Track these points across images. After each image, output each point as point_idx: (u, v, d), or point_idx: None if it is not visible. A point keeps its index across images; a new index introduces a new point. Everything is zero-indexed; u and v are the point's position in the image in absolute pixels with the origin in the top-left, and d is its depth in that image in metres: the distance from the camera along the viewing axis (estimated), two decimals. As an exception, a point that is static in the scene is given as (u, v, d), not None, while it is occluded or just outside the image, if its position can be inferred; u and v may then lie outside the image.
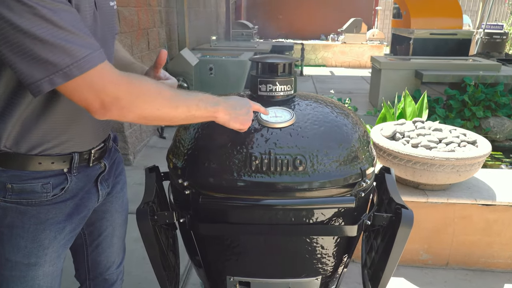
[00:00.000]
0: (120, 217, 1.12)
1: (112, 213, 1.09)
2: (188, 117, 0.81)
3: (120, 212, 1.12)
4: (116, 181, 1.07)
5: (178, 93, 0.80)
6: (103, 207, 1.05)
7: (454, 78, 4.00)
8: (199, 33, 6.02)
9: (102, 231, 1.08)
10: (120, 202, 1.11)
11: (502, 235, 1.81)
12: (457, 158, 1.60)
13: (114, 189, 1.06)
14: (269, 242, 0.99)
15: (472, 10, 11.93)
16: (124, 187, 1.12)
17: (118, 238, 1.15)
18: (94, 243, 1.09)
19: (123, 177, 1.12)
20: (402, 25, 6.40)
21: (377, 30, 9.91)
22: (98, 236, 1.08)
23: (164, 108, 0.77)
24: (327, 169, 0.92)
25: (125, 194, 1.13)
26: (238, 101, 0.88)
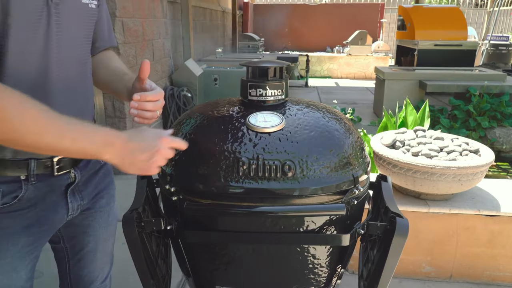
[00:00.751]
0: (104, 232, 1.07)
1: (95, 228, 1.03)
2: (59, 149, 0.69)
3: (105, 227, 1.06)
4: (100, 195, 1.02)
5: (58, 120, 0.67)
6: (85, 222, 1.00)
7: (459, 88, 3.96)
8: (205, 45, 6.07)
9: (84, 246, 1.03)
10: (105, 216, 1.05)
11: (507, 247, 1.75)
12: (458, 167, 1.56)
13: (97, 203, 1.02)
14: (258, 251, 0.96)
15: (477, 22, 11.91)
16: (111, 201, 1.07)
17: (103, 253, 1.09)
18: (76, 257, 1.04)
19: (111, 191, 1.07)
20: (407, 37, 6.39)
21: (382, 42, 9.92)
22: (80, 250, 1.04)
23: (28, 131, 0.64)
24: (317, 175, 0.89)
25: (112, 208, 1.09)
26: (141, 144, 0.75)
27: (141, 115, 0.86)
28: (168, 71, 4.06)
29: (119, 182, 3.21)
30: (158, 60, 3.77)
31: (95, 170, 0.99)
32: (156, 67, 3.72)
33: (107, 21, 1.03)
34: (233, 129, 0.93)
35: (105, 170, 1.04)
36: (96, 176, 0.99)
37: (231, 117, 0.98)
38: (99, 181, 1.00)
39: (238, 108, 1.01)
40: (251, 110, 0.97)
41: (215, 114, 1.00)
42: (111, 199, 1.07)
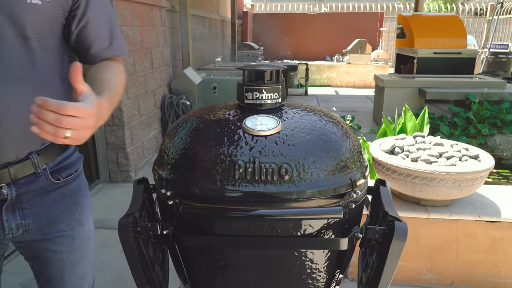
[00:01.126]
0: (70, 256, 0.99)
1: (56, 252, 0.96)
2: None
3: (70, 252, 0.99)
4: (58, 219, 0.94)
5: None
6: (42, 246, 0.94)
7: (459, 96, 3.96)
8: (204, 53, 6.11)
9: (47, 268, 0.98)
10: (68, 241, 0.97)
11: (508, 254, 1.73)
12: (458, 172, 1.55)
13: (55, 227, 0.94)
14: (255, 256, 0.94)
15: (477, 31, 11.99)
16: (75, 224, 0.99)
17: (72, 276, 1.02)
18: (43, 277, 1.00)
19: (76, 214, 0.99)
20: (406, 45, 6.42)
21: (382, 51, 9.97)
22: (45, 271, 0.99)
23: None
24: (314, 178, 0.89)
25: (78, 231, 1.00)
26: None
27: (40, 125, 0.65)
28: (167, 79, 4.07)
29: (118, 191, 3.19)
30: (157, 68, 3.78)
31: (48, 190, 0.91)
32: (155, 75, 3.73)
33: (107, 27, 0.94)
34: (229, 133, 0.92)
35: (65, 190, 0.95)
36: (47, 196, 0.91)
37: (227, 120, 0.97)
38: (53, 203, 0.93)
39: (234, 112, 1.01)
40: (248, 114, 0.97)
41: (211, 118, 1.00)
42: (76, 222, 0.99)
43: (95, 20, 0.90)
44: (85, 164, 3.02)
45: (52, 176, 0.91)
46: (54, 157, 0.91)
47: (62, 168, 0.93)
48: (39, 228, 0.92)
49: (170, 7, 4.16)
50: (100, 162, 3.12)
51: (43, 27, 0.81)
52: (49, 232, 0.93)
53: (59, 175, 0.92)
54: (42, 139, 0.86)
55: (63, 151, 0.94)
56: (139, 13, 3.26)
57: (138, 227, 0.94)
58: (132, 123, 3.22)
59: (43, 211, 0.91)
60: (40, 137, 0.84)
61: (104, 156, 3.15)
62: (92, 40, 0.91)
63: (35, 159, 0.86)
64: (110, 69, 0.95)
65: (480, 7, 12.05)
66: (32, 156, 0.85)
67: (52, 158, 0.90)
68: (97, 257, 2.18)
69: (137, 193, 1.06)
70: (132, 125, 3.22)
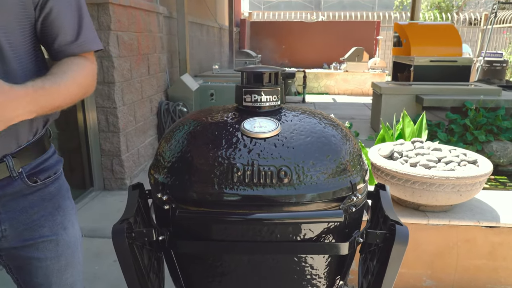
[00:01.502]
0: (56, 263, 0.94)
1: (41, 259, 0.91)
2: None
3: (55, 258, 0.93)
4: (38, 223, 0.89)
5: None
6: (25, 253, 0.89)
7: (455, 103, 3.98)
8: (201, 60, 6.11)
9: (32, 278, 0.92)
10: (53, 246, 0.92)
11: (508, 260, 1.71)
12: (457, 177, 1.54)
13: (37, 232, 0.89)
14: (253, 262, 0.92)
15: (472, 40, 12.10)
16: (58, 229, 0.94)
17: (60, 286, 0.97)
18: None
19: (58, 218, 0.94)
20: (403, 53, 6.46)
21: (379, 59, 10.03)
22: (30, 281, 0.93)
23: None
24: (314, 181, 0.87)
25: (62, 236, 0.95)
26: None
27: None
28: (164, 85, 4.06)
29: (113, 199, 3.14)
30: (154, 75, 3.77)
31: (25, 193, 0.86)
32: (152, 82, 3.72)
33: (73, 18, 0.85)
34: (227, 135, 0.91)
35: (44, 193, 0.91)
36: (24, 199, 0.87)
37: (226, 123, 0.96)
38: (31, 206, 0.88)
39: (232, 114, 0.99)
40: (246, 116, 0.95)
41: (209, 120, 0.98)
42: (58, 226, 0.94)
43: (58, 9, 0.82)
44: (79, 172, 2.99)
45: (28, 179, 0.86)
46: (31, 160, 0.86)
47: (40, 171, 0.89)
48: (18, 234, 0.87)
49: (168, 14, 4.17)
50: (94, 169, 3.09)
51: (11, 21, 0.76)
52: (30, 238, 0.89)
53: (36, 178, 0.88)
54: (18, 142, 0.83)
55: (40, 154, 0.89)
56: (136, 18, 3.25)
57: (133, 233, 0.92)
58: (128, 129, 3.19)
59: (21, 215, 0.87)
60: (15, 140, 0.83)
61: (99, 163, 3.12)
62: (56, 32, 0.83)
63: (10, 162, 0.81)
64: (68, 64, 0.84)
65: (475, 17, 12.18)
66: (7, 159, 0.81)
67: (28, 161, 0.86)
68: (90, 267, 2.13)
69: (132, 198, 1.04)
70: (128, 132, 3.19)
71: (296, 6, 18.35)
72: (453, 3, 16.09)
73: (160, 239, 0.92)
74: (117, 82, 2.95)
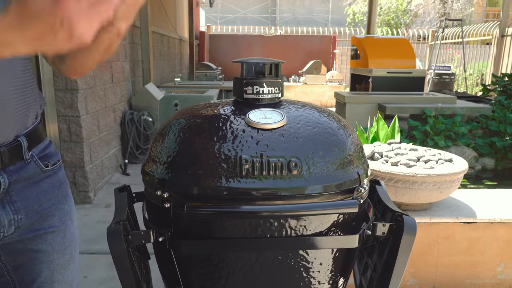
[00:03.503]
0: (61, 257, 0.88)
1: (47, 253, 0.85)
2: None
3: (61, 251, 0.88)
4: (49, 211, 0.84)
5: None
6: (32, 245, 0.82)
7: (416, 110, 4.17)
8: (163, 71, 6.00)
9: (35, 277, 0.84)
10: (60, 238, 0.87)
11: (485, 254, 1.77)
12: (438, 174, 1.58)
13: (46, 222, 0.84)
14: (262, 260, 0.87)
15: (420, 55, 12.87)
16: (66, 219, 0.89)
17: (62, 284, 0.90)
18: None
19: (65, 206, 0.89)
20: (361, 65, 6.72)
21: (336, 72, 10.37)
22: (31, 282, 0.84)
23: None
24: (324, 172, 0.84)
25: (69, 227, 0.90)
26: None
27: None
28: (127, 95, 3.92)
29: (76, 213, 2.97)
30: (117, 83, 3.63)
31: (36, 179, 0.81)
32: (115, 90, 3.57)
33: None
34: (233, 127, 0.86)
35: (54, 180, 0.86)
36: (37, 186, 0.82)
37: (228, 115, 0.91)
38: (43, 194, 0.83)
39: (233, 107, 0.95)
40: (248, 108, 0.92)
41: (210, 113, 0.93)
42: (66, 216, 0.89)
43: None
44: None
45: (41, 162, 0.82)
46: (39, 143, 0.82)
47: (47, 155, 0.84)
48: (30, 224, 0.80)
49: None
50: (56, 181, 2.88)
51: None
52: (40, 228, 0.82)
53: (47, 162, 0.83)
54: (28, 122, 0.78)
55: (44, 138, 0.85)
56: (100, 24, 3.12)
57: (129, 235, 0.84)
58: (91, 139, 3.03)
59: (35, 204, 0.80)
60: (26, 119, 0.78)
61: (61, 175, 2.92)
62: None
63: (25, 142, 0.77)
64: None
65: (423, 35, 12.99)
66: (21, 139, 0.76)
67: (37, 143, 0.81)
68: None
69: (121, 200, 0.96)
70: (91, 142, 3.02)
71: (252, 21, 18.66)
72: (401, 20, 17.11)
73: (160, 240, 0.85)
74: (81, 89, 2.80)
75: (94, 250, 2.06)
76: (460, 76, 9.63)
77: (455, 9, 16.38)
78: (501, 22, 7.78)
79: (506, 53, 7.90)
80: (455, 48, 11.49)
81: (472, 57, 10.36)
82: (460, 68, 10.05)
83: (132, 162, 3.70)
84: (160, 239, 0.85)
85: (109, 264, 1.97)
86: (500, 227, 1.74)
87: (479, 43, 10.51)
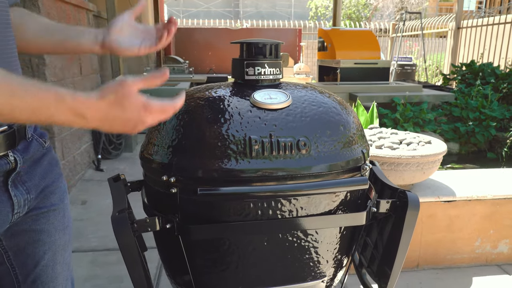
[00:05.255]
0: (62, 237, 0.85)
1: (50, 232, 0.82)
2: (8, 108, 0.54)
3: (62, 230, 0.85)
4: (50, 189, 0.82)
5: (6, 76, 0.55)
6: (36, 225, 0.79)
7: (385, 99, 4.29)
8: (130, 65, 5.82)
9: (39, 259, 0.81)
10: (61, 217, 0.85)
11: (463, 230, 1.86)
12: (421, 155, 1.64)
13: (48, 200, 0.81)
14: (271, 242, 0.86)
15: (383, 46, 13.25)
16: (64, 197, 0.87)
17: (63, 267, 0.87)
18: (29, 277, 0.80)
19: (62, 185, 0.87)
20: (328, 57, 6.82)
21: (303, 64, 10.48)
22: (34, 266, 0.80)
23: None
24: (332, 151, 0.85)
25: (67, 206, 0.88)
26: (122, 116, 0.62)
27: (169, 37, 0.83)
28: (97, 88, 3.77)
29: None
30: (86, 76, 3.48)
31: (37, 157, 0.79)
32: (85, 83, 3.43)
33: None
34: (238, 108, 0.85)
35: (50, 158, 0.83)
36: (39, 164, 0.79)
37: (232, 96, 0.89)
38: (45, 172, 0.80)
39: (235, 88, 0.93)
40: (251, 89, 0.90)
41: (212, 95, 0.91)
42: (64, 195, 0.87)
43: None
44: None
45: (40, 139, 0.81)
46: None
47: (41, 133, 0.82)
48: (36, 203, 0.79)
49: (97, 13, 3.88)
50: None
51: None
52: (43, 206, 0.80)
53: (43, 139, 0.82)
54: None
55: None
56: (66, 13, 2.97)
57: (134, 223, 0.81)
58: (63, 134, 2.89)
59: (40, 182, 0.79)
60: None
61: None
62: None
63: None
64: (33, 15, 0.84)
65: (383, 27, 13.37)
66: None
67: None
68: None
69: (119, 189, 0.92)
70: (63, 137, 2.89)
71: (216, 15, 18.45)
72: (362, 14, 17.51)
73: (167, 227, 0.82)
74: (49, 81, 2.66)
75: (74, 248, 1.97)
76: (420, 67, 10.01)
77: (412, 3, 16.98)
78: (457, 15, 8.14)
79: (462, 44, 8.29)
80: (413, 40, 11.92)
81: (429, 49, 10.80)
82: (420, 59, 10.45)
83: (105, 158, 3.57)
84: (167, 225, 0.82)
85: (90, 262, 1.90)
86: (477, 204, 1.83)
87: (433, 35, 10.95)
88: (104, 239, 2.10)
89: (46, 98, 0.56)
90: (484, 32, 7.64)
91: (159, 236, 0.93)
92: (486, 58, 7.41)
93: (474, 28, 7.96)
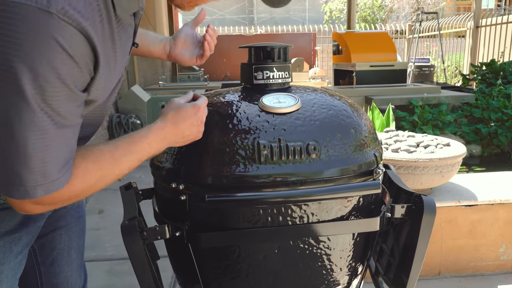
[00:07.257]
0: (77, 225, 0.94)
1: (67, 219, 0.90)
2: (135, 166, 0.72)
3: (77, 219, 0.93)
4: None
5: (116, 151, 0.69)
6: (56, 213, 0.87)
7: (402, 101, 4.21)
8: (146, 74, 5.91)
9: (56, 244, 0.89)
10: (76, 206, 0.93)
11: (486, 236, 1.79)
12: (439, 158, 1.59)
13: None
14: (282, 249, 0.84)
15: (399, 48, 13.07)
16: None
17: (78, 253, 0.95)
18: (48, 260, 0.88)
19: None
20: (343, 60, 6.75)
21: (318, 68, 10.42)
22: (52, 250, 0.89)
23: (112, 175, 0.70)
24: (343, 155, 0.82)
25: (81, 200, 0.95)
26: (185, 123, 0.76)
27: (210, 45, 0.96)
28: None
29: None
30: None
31: None
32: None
33: None
34: (247, 112, 0.83)
35: None
36: None
37: (240, 101, 0.88)
38: None
39: (244, 93, 0.92)
40: (260, 94, 0.89)
41: (221, 100, 0.90)
42: None
43: None
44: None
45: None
46: None
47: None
48: None
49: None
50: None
51: None
52: None
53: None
54: None
55: None
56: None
57: (144, 232, 0.80)
58: (80, 144, 2.94)
59: None
60: None
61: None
62: None
63: None
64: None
65: (399, 29, 13.20)
66: None
67: None
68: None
69: (129, 197, 0.92)
70: (80, 147, 2.94)
71: (230, 22, 18.58)
72: (377, 16, 17.34)
73: (177, 235, 0.81)
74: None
75: (92, 257, 1.99)
76: (438, 68, 9.81)
77: (428, 3, 16.72)
78: (474, 14, 7.97)
79: (482, 43, 8.10)
80: (430, 41, 11.72)
81: (447, 50, 10.58)
82: (438, 60, 10.25)
83: (121, 167, 3.61)
84: (177, 233, 0.81)
85: (107, 271, 1.91)
86: (500, 208, 1.76)
87: (451, 35, 10.73)
88: (120, 247, 2.11)
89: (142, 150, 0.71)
90: (504, 30, 7.45)
91: (169, 244, 0.93)
92: (507, 57, 7.21)
93: (493, 26, 7.77)
